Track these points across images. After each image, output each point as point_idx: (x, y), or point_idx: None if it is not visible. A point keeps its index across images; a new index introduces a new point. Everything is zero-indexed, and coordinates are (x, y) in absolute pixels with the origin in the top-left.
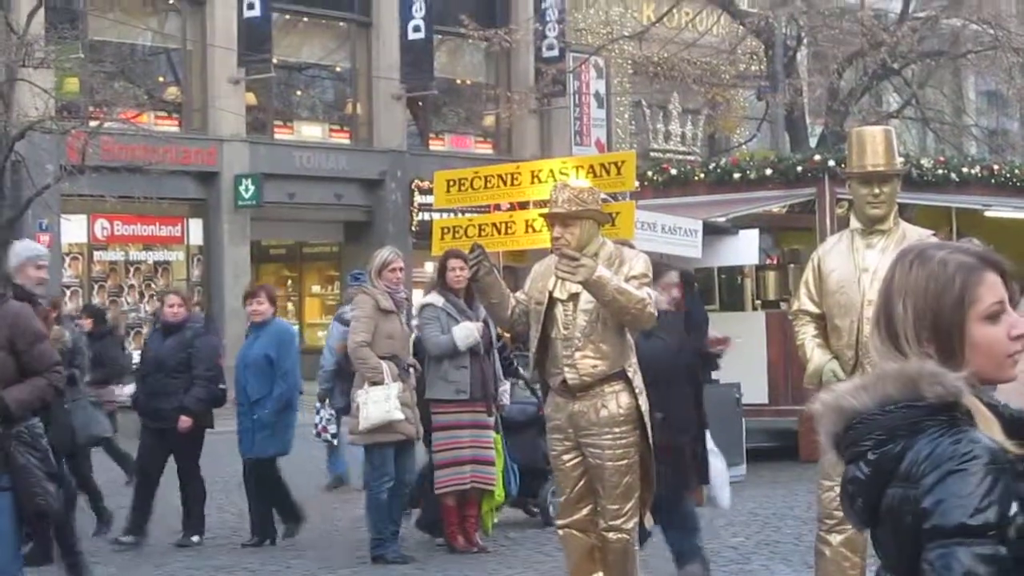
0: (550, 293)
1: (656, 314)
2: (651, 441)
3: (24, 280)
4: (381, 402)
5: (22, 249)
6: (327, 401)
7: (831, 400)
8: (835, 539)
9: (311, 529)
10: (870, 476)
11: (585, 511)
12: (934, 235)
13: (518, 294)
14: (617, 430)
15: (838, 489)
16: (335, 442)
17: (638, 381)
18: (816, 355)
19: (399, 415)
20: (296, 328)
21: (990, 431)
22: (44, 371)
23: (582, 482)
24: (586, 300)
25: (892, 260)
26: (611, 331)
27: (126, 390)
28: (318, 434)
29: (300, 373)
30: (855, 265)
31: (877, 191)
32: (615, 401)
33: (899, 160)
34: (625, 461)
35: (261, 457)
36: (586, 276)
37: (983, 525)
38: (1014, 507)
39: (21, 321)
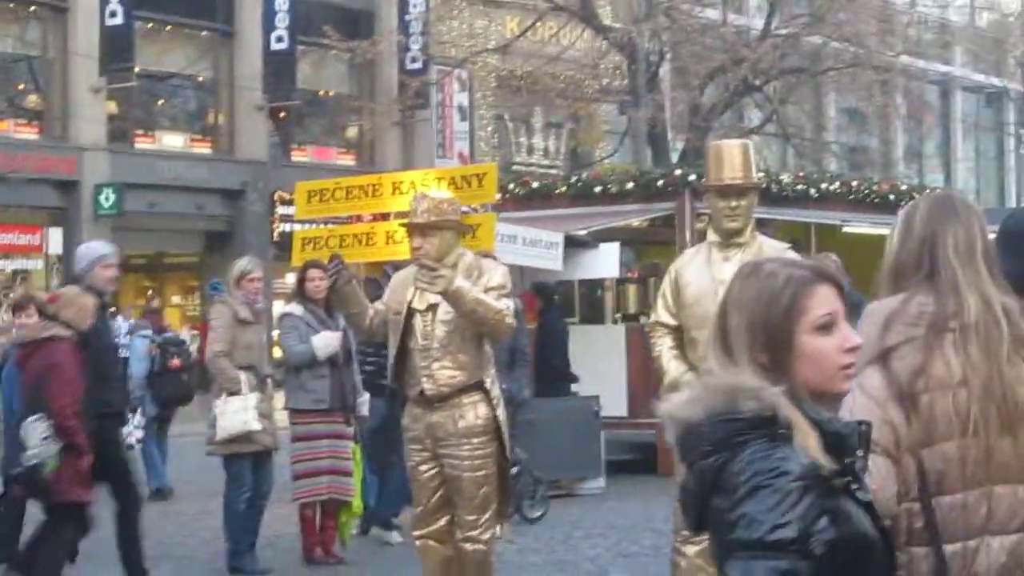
0: (409, 303)
1: (514, 325)
2: (508, 452)
3: (94, 281)
4: (239, 412)
5: (90, 250)
6: (139, 410)
7: (669, 410)
8: (690, 550)
9: (167, 541)
10: (696, 486)
11: (442, 522)
12: (790, 248)
13: (377, 304)
14: (475, 440)
15: None
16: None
17: (496, 392)
18: (673, 367)
19: (256, 425)
20: None
21: (807, 446)
22: None
23: (439, 493)
24: (445, 311)
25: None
26: (469, 342)
27: None
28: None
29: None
30: (712, 277)
31: (735, 204)
32: (473, 412)
33: (757, 174)
34: (482, 472)
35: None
36: (444, 287)
37: (781, 540)
38: (822, 522)
39: None
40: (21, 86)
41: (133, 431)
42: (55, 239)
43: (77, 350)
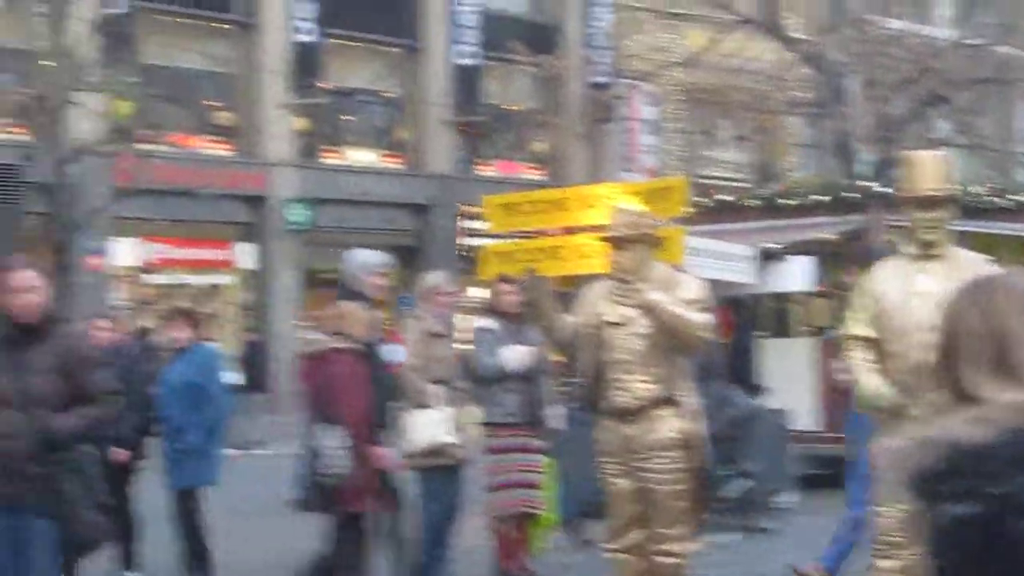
0: (603, 317)
1: (708, 340)
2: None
3: (364, 288)
4: (428, 425)
5: (360, 258)
6: None
7: (927, 436)
8: (885, 564)
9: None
10: (996, 512)
11: (635, 535)
12: (991, 261)
13: (569, 317)
14: (667, 454)
15: (893, 514)
16: None
17: (690, 405)
18: (870, 381)
19: (447, 438)
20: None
21: None
22: (96, 400)
23: (633, 506)
24: (641, 324)
25: (964, 290)
26: (663, 355)
27: None
28: None
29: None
30: (907, 290)
31: (933, 215)
32: (666, 425)
33: (953, 185)
34: (676, 486)
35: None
36: (642, 299)
37: None
38: None
39: (79, 345)
40: (210, 102)
41: None
42: (245, 254)
43: (360, 362)
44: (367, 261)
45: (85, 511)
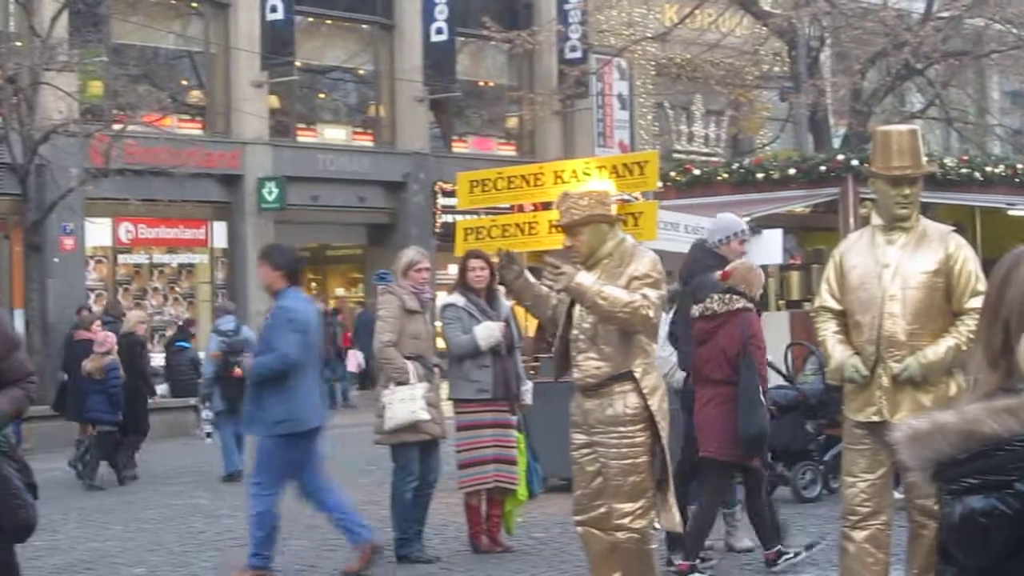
0: None
1: (651, 316)
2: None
3: (728, 253)
4: (407, 402)
5: (726, 222)
6: (207, 403)
7: (954, 422)
8: (859, 535)
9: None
10: (1021, 509)
11: (603, 508)
12: (954, 230)
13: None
14: (622, 429)
15: (861, 485)
16: (208, 440)
17: (648, 381)
18: (838, 351)
19: (425, 415)
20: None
21: None
22: (21, 381)
23: (598, 479)
24: None
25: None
26: (613, 333)
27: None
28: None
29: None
30: (876, 261)
31: (907, 192)
32: (622, 401)
33: (925, 160)
34: (630, 460)
35: None
36: (566, 284)
37: None
38: None
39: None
40: (184, 82)
41: (203, 424)
42: (220, 233)
43: (758, 318)
44: (733, 225)
45: (19, 493)
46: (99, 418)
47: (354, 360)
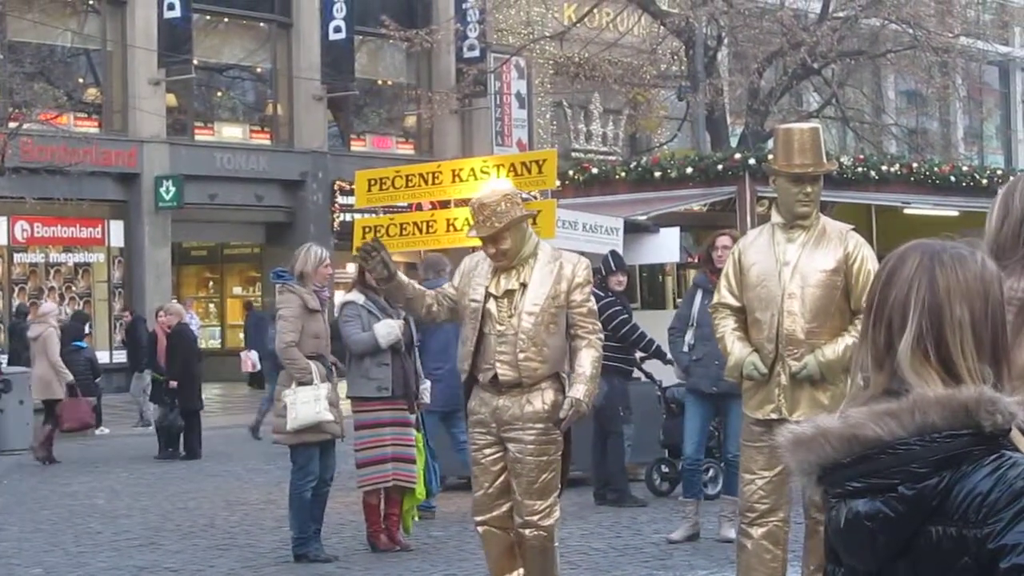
0: (486, 289)
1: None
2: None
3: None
4: (311, 403)
5: None
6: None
7: (837, 427)
8: (756, 532)
9: (232, 530)
10: (904, 512)
11: (504, 508)
12: (853, 229)
13: (446, 287)
14: (540, 426)
15: (759, 482)
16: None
17: (564, 378)
18: (736, 348)
19: (328, 416)
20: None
21: None
22: None
23: (501, 478)
24: (530, 302)
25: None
26: (555, 335)
27: None
28: None
29: None
30: (776, 259)
31: (809, 190)
32: (540, 398)
33: (827, 158)
34: (545, 457)
35: None
36: (582, 410)
37: None
38: None
39: None
40: (81, 80)
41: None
42: (116, 232)
43: None
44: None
45: None
46: None
47: (247, 360)
